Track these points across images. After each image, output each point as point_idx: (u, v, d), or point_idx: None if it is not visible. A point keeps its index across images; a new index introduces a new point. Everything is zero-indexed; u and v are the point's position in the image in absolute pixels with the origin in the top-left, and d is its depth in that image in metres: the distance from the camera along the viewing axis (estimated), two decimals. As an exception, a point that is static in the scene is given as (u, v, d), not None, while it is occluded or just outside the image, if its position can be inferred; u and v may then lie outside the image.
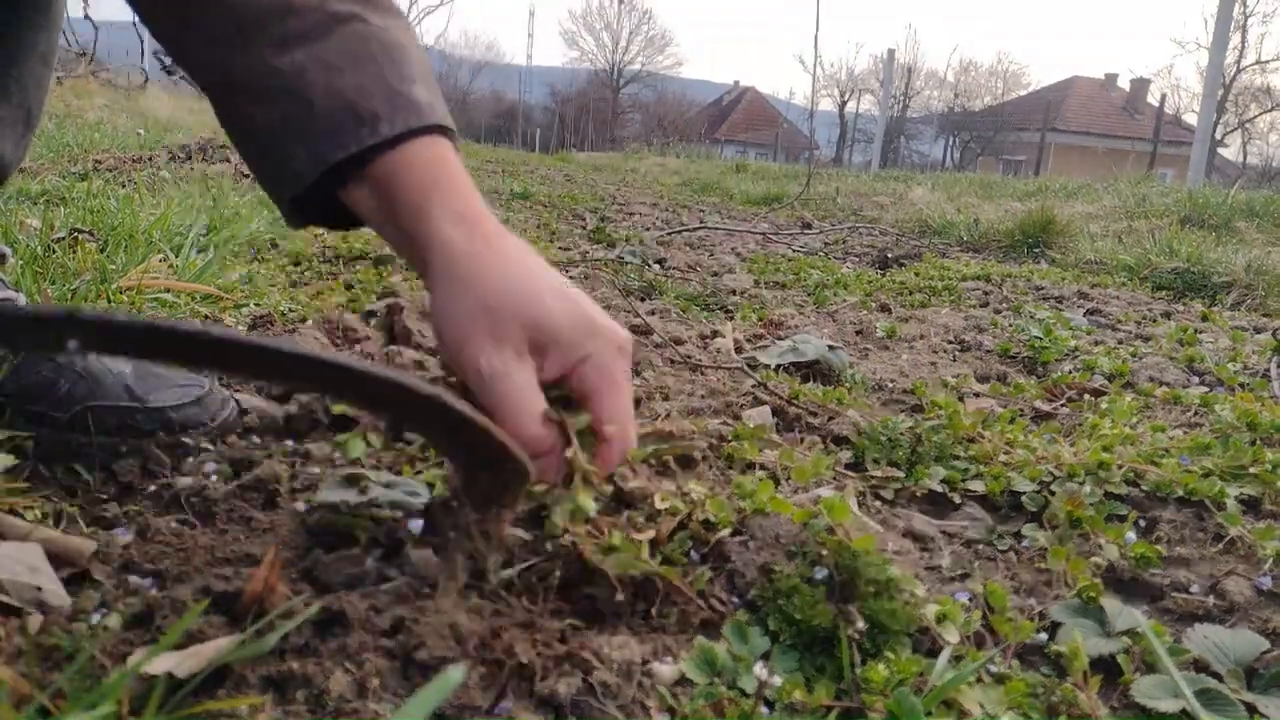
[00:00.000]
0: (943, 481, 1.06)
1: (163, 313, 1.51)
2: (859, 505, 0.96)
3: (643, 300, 2.20)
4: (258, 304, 1.72)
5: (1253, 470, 1.08)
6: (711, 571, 0.77)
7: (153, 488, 0.89)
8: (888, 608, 0.71)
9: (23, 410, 0.91)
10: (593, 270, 2.50)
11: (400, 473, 0.91)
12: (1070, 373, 1.64)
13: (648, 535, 0.78)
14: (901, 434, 1.15)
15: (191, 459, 0.94)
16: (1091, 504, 0.98)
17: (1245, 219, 4.47)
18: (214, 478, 0.91)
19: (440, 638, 0.64)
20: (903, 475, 1.08)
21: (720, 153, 19.51)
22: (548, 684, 0.61)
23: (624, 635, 0.68)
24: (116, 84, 8.74)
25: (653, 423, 1.05)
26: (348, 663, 0.61)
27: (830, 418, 1.26)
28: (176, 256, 1.89)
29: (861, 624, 0.70)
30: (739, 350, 1.66)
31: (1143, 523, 0.99)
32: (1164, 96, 27.80)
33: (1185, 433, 1.27)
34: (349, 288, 2.00)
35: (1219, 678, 0.70)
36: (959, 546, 0.93)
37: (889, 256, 3.39)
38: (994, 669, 0.70)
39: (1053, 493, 1.02)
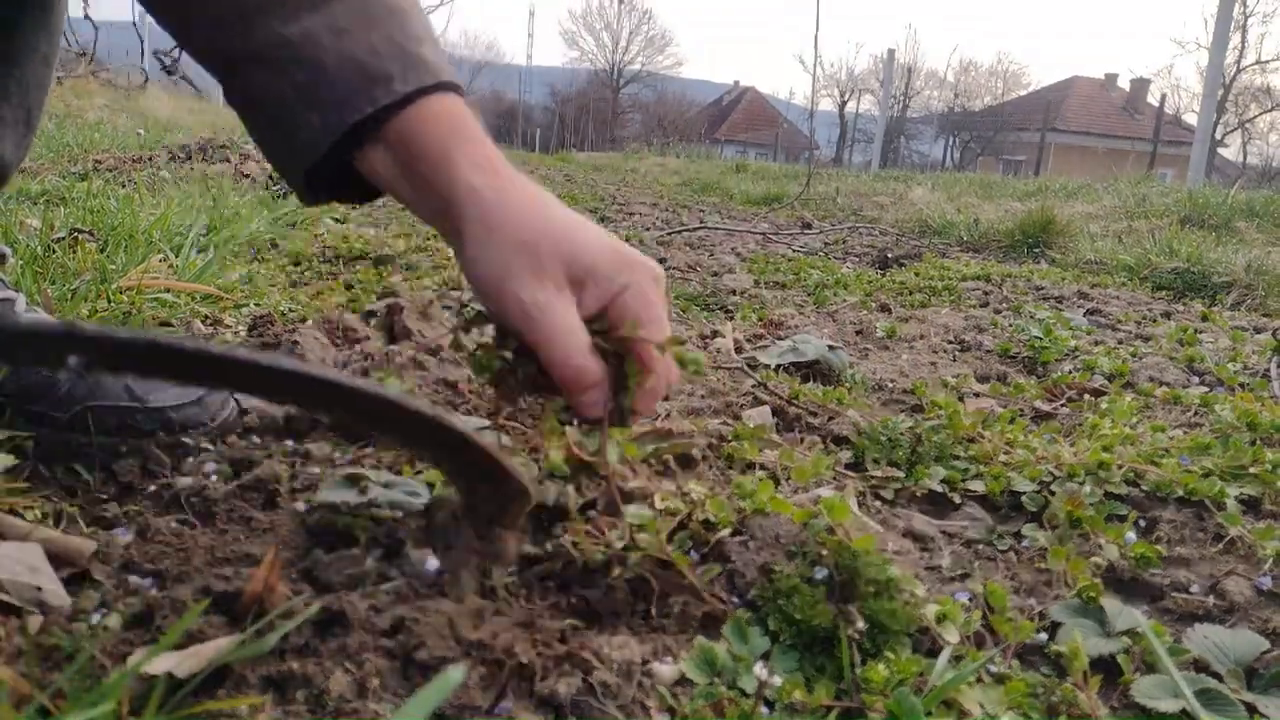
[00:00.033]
0: (943, 481, 1.06)
1: (163, 312, 1.51)
2: (859, 505, 0.96)
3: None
4: (258, 304, 1.72)
5: (1253, 470, 1.08)
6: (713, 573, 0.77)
7: (153, 488, 0.89)
8: (888, 608, 0.71)
9: (23, 410, 0.91)
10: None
11: (400, 473, 0.91)
12: (1070, 373, 1.64)
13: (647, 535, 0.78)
14: (901, 434, 1.15)
15: (191, 459, 0.94)
16: (1091, 504, 0.98)
17: (1245, 219, 4.47)
18: (214, 478, 0.91)
19: (440, 638, 0.64)
20: (903, 475, 1.08)
21: (720, 153, 19.51)
22: (548, 684, 0.61)
23: (624, 635, 0.68)
24: (116, 84, 8.74)
25: (653, 423, 1.06)
26: (348, 663, 0.61)
27: (830, 418, 1.26)
28: (176, 256, 1.89)
29: (861, 624, 0.70)
30: (739, 350, 1.66)
31: (1143, 523, 0.99)
32: (1164, 96, 27.82)
33: (1185, 433, 1.27)
34: (349, 288, 2.00)
35: (1219, 678, 0.70)
36: (959, 546, 0.93)
37: (889, 256, 3.39)
38: (994, 669, 0.70)
39: (1053, 493, 1.02)
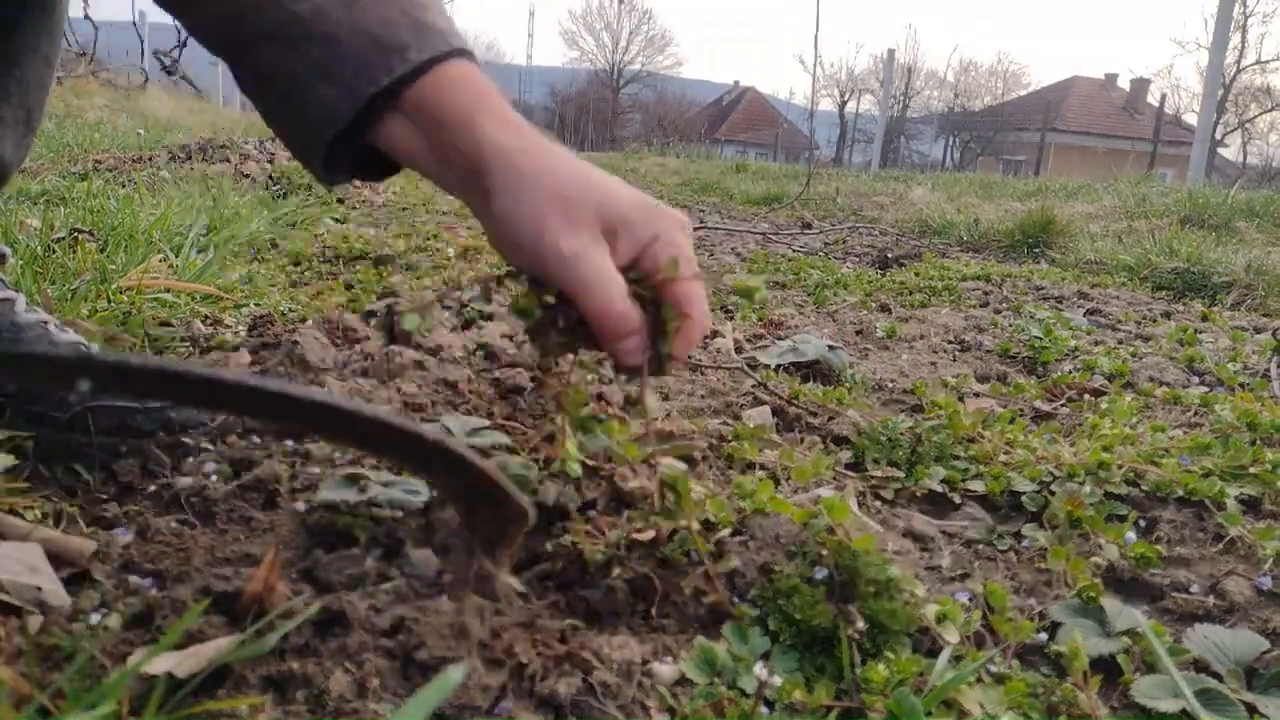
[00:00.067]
0: (943, 481, 1.06)
1: (163, 312, 1.51)
2: (859, 505, 0.96)
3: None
4: (258, 304, 1.72)
5: (1253, 470, 1.08)
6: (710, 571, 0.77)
7: (153, 488, 0.89)
8: (888, 608, 0.71)
9: (23, 410, 0.91)
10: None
11: (400, 472, 0.91)
12: (1070, 373, 1.64)
13: (648, 535, 0.78)
14: (901, 434, 1.15)
15: (191, 459, 0.94)
16: (1091, 504, 0.98)
17: (1245, 219, 4.47)
18: (214, 478, 0.91)
19: (440, 638, 0.64)
20: (903, 475, 1.08)
21: (720, 153, 19.50)
22: (548, 684, 0.61)
23: (624, 635, 0.68)
24: (116, 84, 8.74)
25: (653, 423, 1.06)
26: (348, 663, 0.61)
27: (830, 418, 1.26)
28: (176, 256, 1.89)
29: (861, 624, 0.70)
30: (739, 350, 1.66)
31: (1143, 523, 0.99)
32: (1164, 96, 27.82)
33: (1185, 433, 1.27)
34: (349, 288, 2.00)
35: (1219, 678, 0.70)
36: (959, 546, 0.93)
37: (889, 256, 3.39)
38: (994, 669, 0.70)
39: (1053, 493, 1.02)
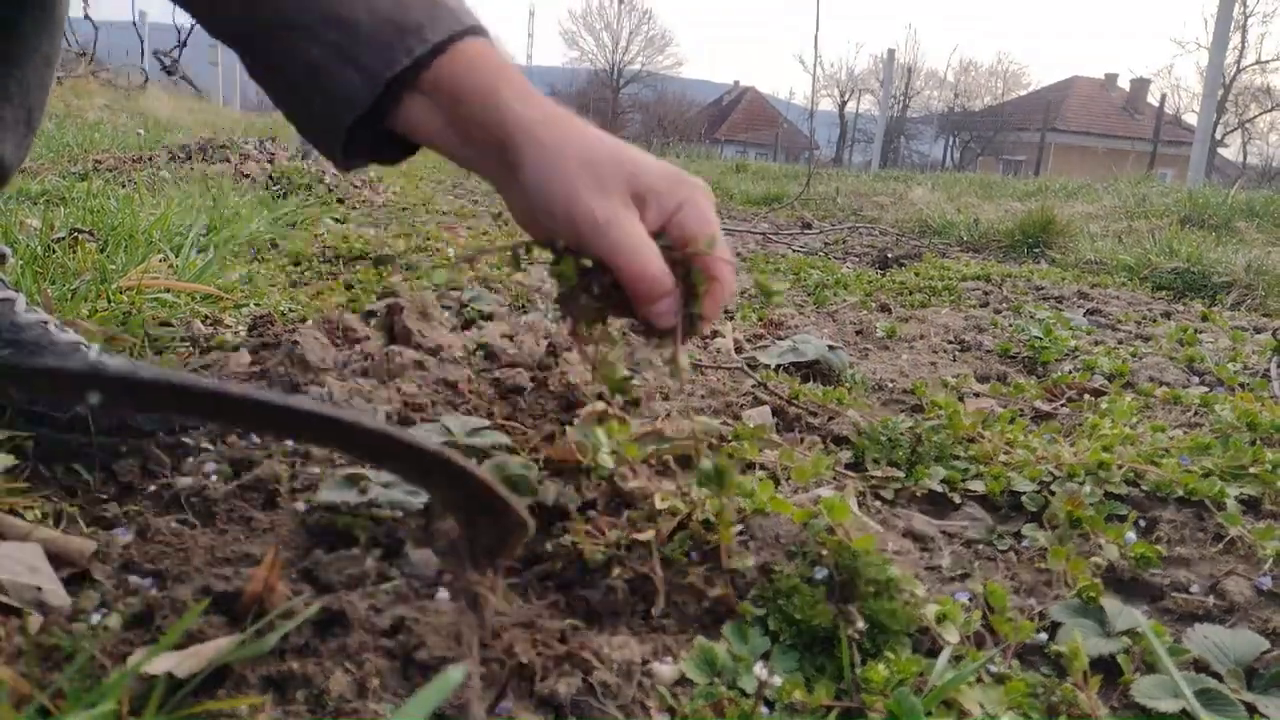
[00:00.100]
0: (943, 481, 1.06)
1: (162, 312, 1.51)
2: (859, 505, 0.96)
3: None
4: (258, 304, 1.72)
5: (1253, 470, 1.08)
6: (711, 571, 0.77)
7: (153, 488, 0.89)
8: (888, 608, 0.71)
9: (23, 410, 0.91)
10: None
11: (400, 473, 0.91)
12: (1070, 373, 1.64)
13: (648, 535, 0.78)
14: (901, 434, 1.15)
15: (191, 459, 0.94)
16: (1091, 504, 0.98)
17: (1245, 219, 4.47)
18: (214, 478, 0.91)
19: (440, 638, 0.64)
20: (903, 475, 1.08)
21: (720, 153, 19.51)
22: (548, 684, 0.61)
23: (624, 635, 0.68)
24: (116, 84, 8.74)
25: (653, 423, 1.05)
26: (348, 663, 0.61)
27: (830, 418, 1.26)
28: (176, 256, 1.89)
29: (861, 624, 0.70)
30: (739, 350, 1.66)
31: (1143, 523, 0.99)
32: (1164, 96, 27.81)
33: (1185, 433, 1.27)
34: (349, 288, 2.00)
35: (1219, 678, 0.70)
36: (959, 546, 0.93)
37: (889, 256, 3.39)
38: (994, 669, 0.70)
39: (1053, 493, 1.02)
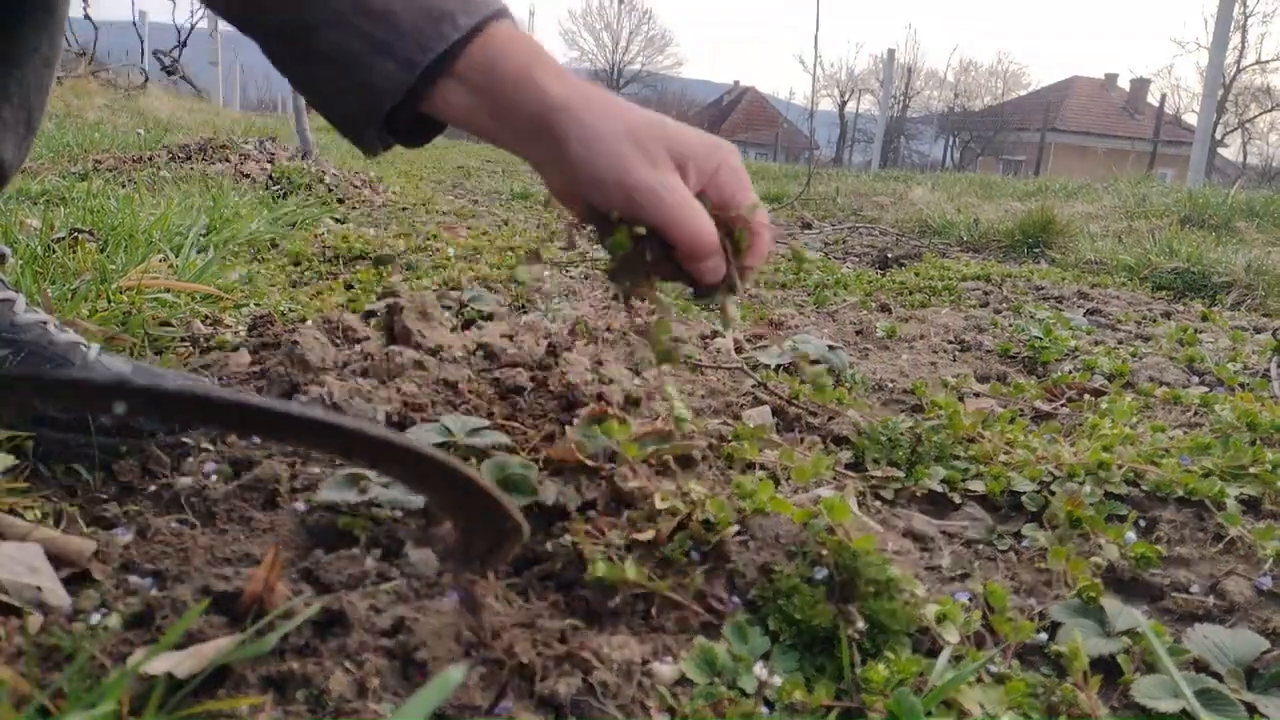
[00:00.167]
0: (943, 481, 1.06)
1: (162, 312, 1.51)
2: (859, 505, 0.96)
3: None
4: (258, 304, 1.72)
5: (1253, 470, 1.08)
6: (711, 571, 0.77)
7: (153, 488, 0.89)
8: (888, 608, 0.71)
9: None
10: (593, 270, 2.50)
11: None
12: (1070, 373, 1.64)
13: (648, 535, 0.78)
14: (901, 434, 1.15)
15: (191, 459, 0.94)
16: (1091, 504, 0.98)
17: (1245, 219, 4.46)
18: (214, 478, 0.91)
19: (440, 638, 0.64)
20: (903, 475, 1.08)
21: (720, 153, 19.42)
22: (548, 684, 0.61)
23: (624, 635, 0.68)
24: (116, 84, 8.74)
25: (653, 423, 1.05)
26: (348, 663, 0.61)
27: (830, 418, 1.26)
28: (176, 256, 1.89)
29: (861, 624, 0.70)
30: (739, 350, 1.66)
31: (1143, 523, 0.99)
32: (1164, 96, 27.85)
33: (1185, 433, 1.27)
34: (349, 288, 2.00)
35: (1219, 678, 0.70)
36: (959, 546, 0.93)
37: (889, 256, 3.39)
38: (994, 669, 0.70)
39: (1053, 493, 1.02)
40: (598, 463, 0.91)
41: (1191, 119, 24.06)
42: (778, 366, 1.53)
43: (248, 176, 3.82)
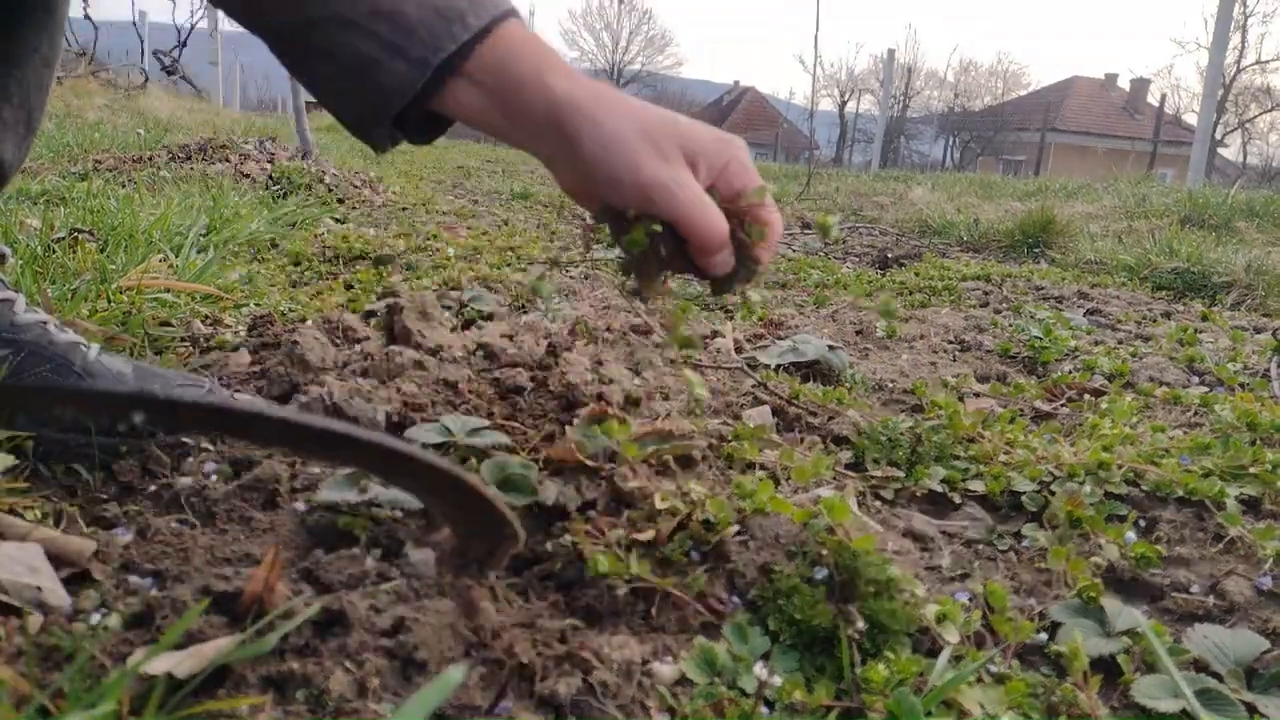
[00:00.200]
0: (943, 481, 1.06)
1: (162, 312, 1.51)
2: (859, 505, 0.96)
3: (642, 301, 2.19)
4: (258, 304, 1.73)
5: (1253, 470, 1.08)
6: (711, 571, 0.77)
7: (153, 488, 0.89)
8: (888, 608, 0.71)
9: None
10: (593, 270, 2.50)
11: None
12: (1070, 373, 1.64)
13: (648, 535, 0.78)
14: (901, 434, 1.15)
15: (191, 459, 0.94)
16: (1091, 504, 0.98)
17: (1245, 219, 4.46)
18: (214, 478, 0.91)
19: (440, 638, 0.64)
20: (903, 475, 1.08)
21: (720, 153, 19.41)
22: (548, 684, 0.61)
23: (624, 635, 0.68)
24: (116, 84, 8.73)
25: (653, 423, 1.05)
26: (348, 663, 0.61)
27: (830, 418, 1.26)
28: (176, 256, 1.89)
29: (861, 624, 0.70)
30: (739, 350, 1.66)
31: (1143, 523, 0.99)
32: (1164, 96, 27.84)
33: (1185, 433, 1.27)
34: (349, 288, 2.00)
35: (1219, 678, 0.70)
36: (959, 546, 0.93)
37: (889, 256, 3.39)
38: (994, 669, 0.70)
39: (1053, 493, 1.02)
40: (598, 463, 0.91)
41: (1191, 119, 24.06)
42: (778, 366, 1.53)
43: (248, 176, 3.82)
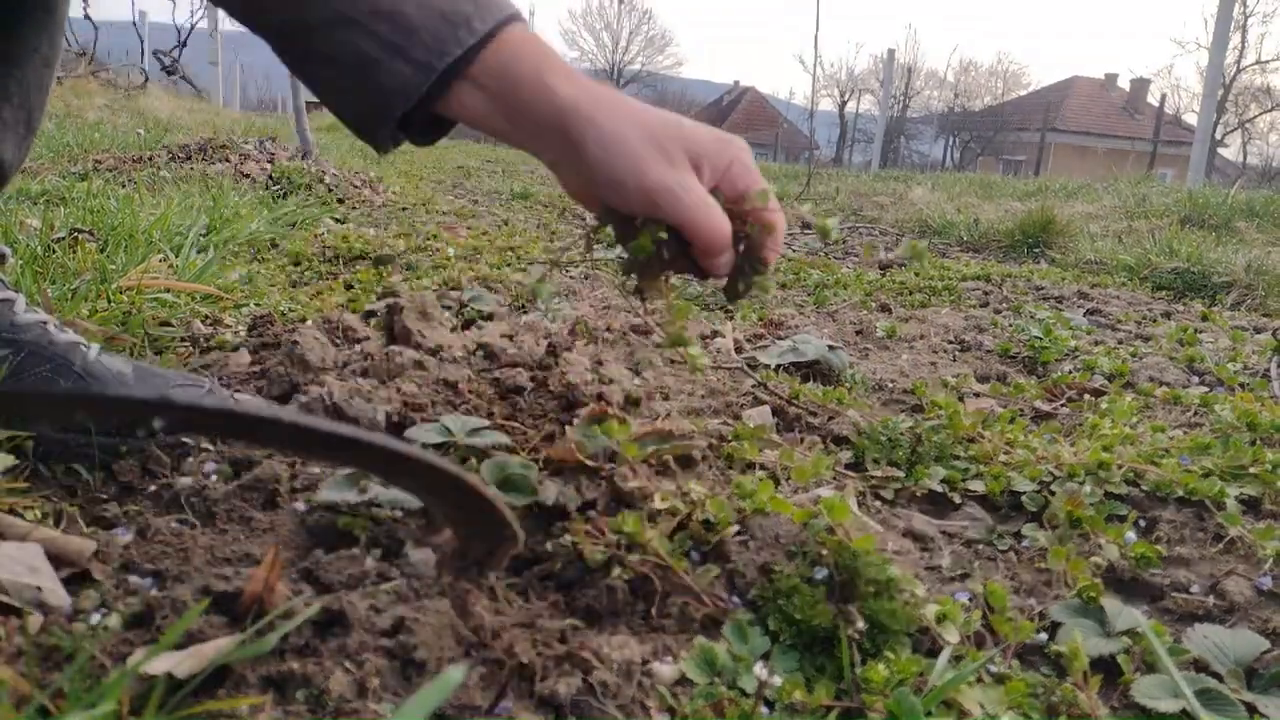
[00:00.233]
0: (943, 481, 1.06)
1: (162, 312, 1.51)
2: (859, 505, 0.96)
3: (643, 300, 2.19)
4: (258, 304, 1.73)
5: (1253, 470, 1.08)
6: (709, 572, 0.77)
7: (153, 488, 0.89)
8: (888, 608, 0.71)
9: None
10: (593, 270, 2.50)
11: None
12: (1070, 373, 1.64)
13: (648, 535, 0.78)
14: (901, 434, 1.15)
15: (191, 459, 0.94)
16: (1091, 504, 0.98)
17: (1245, 219, 4.46)
18: (214, 478, 0.91)
19: (440, 638, 0.64)
20: (903, 475, 1.08)
21: (720, 153, 19.40)
22: (548, 684, 0.61)
23: (624, 635, 0.68)
24: (116, 84, 8.73)
25: (653, 423, 1.05)
26: (348, 663, 0.61)
27: (830, 418, 1.26)
28: (176, 256, 1.89)
29: (861, 624, 0.70)
30: (739, 350, 1.66)
31: (1143, 523, 0.99)
32: (1164, 96, 27.86)
33: (1185, 433, 1.27)
34: (349, 288, 2.00)
35: (1219, 678, 0.70)
36: (959, 546, 0.93)
37: (889, 256, 3.39)
38: (994, 669, 0.70)
39: (1053, 493, 1.02)
40: (598, 463, 0.91)
41: (1191, 119, 24.06)
42: (778, 366, 1.53)
43: (248, 176, 3.82)
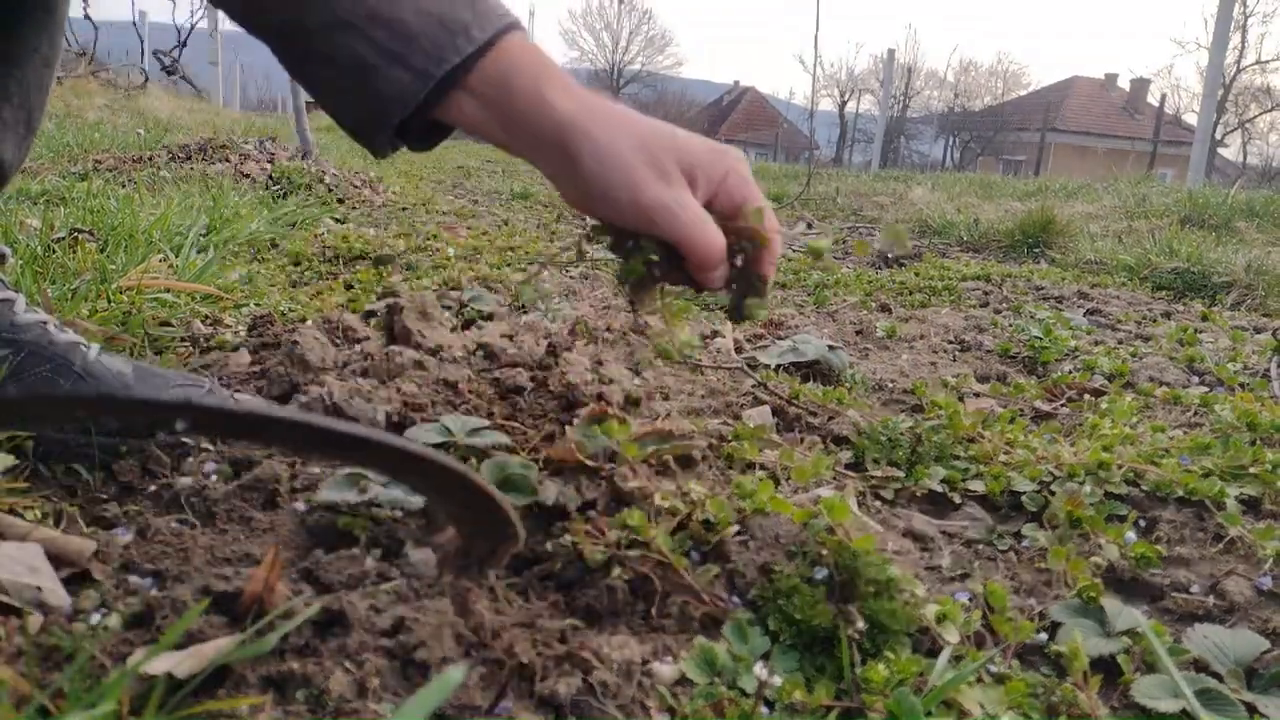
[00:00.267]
0: (943, 481, 1.06)
1: (162, 312, 1.51)
2: (859, 505, 0.96)
3: (635, 312, 2.19)
4: (258, 304, 1.73)
5: (1253, 470, 1.08)
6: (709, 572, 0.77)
7: (153, 488, 0.89)
8: (888, 608, 0.71)
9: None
10: (593, 270, 2.50)
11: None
12: (1070, 373, 1.64)
13: (648, 535, 0.78)
14: (901, 434, 1.15)
15: (191, 459, 0.94)
16: (1091, 504, 0.98)
17: (1245, 219, 4.46)
18: (214, 478, 0.91)
19: (440, 638, 0.64)
20: (903, 475, 1.08)
21: (720, 153, 19.39)
22: (548, 684, 0.61)
23: (624, 635, 0.68)
24: (116, 84, 8.73)
25: (653, 423, 1.05)
26: (348, 663, 0.61)
27: (830, 418, 1.26)
28: (176, 256, 1.89)
29: (861, 624, 0.70)
30: (739, 350, 1.66)
31: (1143, 523, 0.99)
32: (1164, 96, 27.87)
33: (1185, 433, 1.27)
34: (349, 288, 2.00)
35: (1219, 678, 0.70)
36: (959, 546, 0.93)
37: (889, 256, 3.39)
38: (994, 669, 0.70)
39: (1053, 493, 1.02)
40: (598, 463, 0.91)
41: (1191, 119, 24.06)
42: (778, 366, 1.53)
43: (248, 176, 3.82)
